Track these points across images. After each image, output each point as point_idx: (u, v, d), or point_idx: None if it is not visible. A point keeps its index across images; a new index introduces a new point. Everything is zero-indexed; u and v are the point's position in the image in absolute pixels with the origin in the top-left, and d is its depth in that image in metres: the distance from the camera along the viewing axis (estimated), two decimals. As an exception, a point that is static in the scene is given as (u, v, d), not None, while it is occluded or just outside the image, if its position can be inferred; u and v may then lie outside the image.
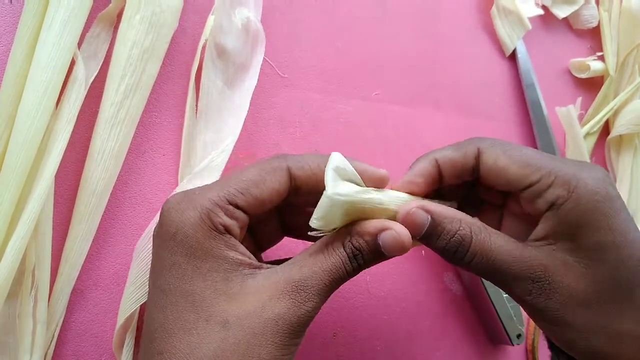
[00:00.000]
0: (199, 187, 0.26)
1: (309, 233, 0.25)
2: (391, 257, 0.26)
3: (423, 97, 0.46)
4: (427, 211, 0.26)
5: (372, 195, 0.26)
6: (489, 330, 0.45)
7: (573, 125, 0.53)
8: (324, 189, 0.24)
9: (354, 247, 0.25)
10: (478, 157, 0.29)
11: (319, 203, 0.24)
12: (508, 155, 0.28)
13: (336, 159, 0.25)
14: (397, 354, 0.40)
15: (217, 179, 0.33)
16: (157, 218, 0.31)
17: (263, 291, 0.23)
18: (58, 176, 0.30)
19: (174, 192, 0.26)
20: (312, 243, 0.27)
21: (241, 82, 0.36)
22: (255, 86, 0.35)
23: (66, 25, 0.28)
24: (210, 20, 0.35)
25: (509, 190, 0.28)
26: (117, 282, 0.32)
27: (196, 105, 0.35)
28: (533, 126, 0.52)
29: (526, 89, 0.52)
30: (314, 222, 0.25)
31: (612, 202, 0.26)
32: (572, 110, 0.53)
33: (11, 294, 0.27)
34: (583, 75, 0.57)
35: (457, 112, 0.48)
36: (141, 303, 0.30)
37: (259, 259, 0.30)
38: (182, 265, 0.24)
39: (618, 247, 0.25)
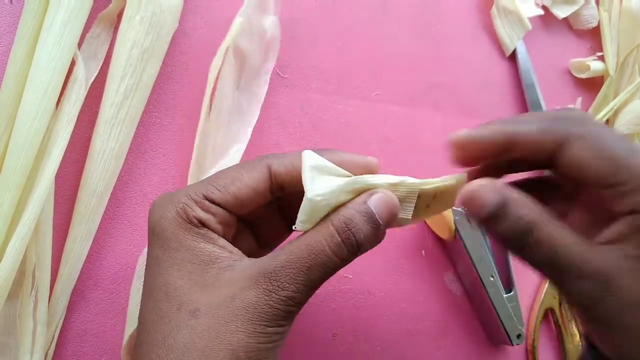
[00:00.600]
0: (183, 187, 0.27)
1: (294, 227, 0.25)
2: (385, 228, 0.25)
3: (423, 98, 0.46)
4: (497, 190, 0.25)
5: (365, 180, 0.25)
6: (489, 331, 0.45)
7: (573, 126, 0.53)
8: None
9: (344, 218, 0.24)
10: (561, 146, 0.26)
11: (301, 205, 0.24)
12: (595, 147, 0.25)
13: (309, 158, 0.25)
14: (397, 355, 0.40)
15: None
16: None
17: (236, 282, 0.24)
18: (58, 177, 0.30)
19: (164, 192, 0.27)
20: None
21: (254, 88, 0.36)
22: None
23: (66, 26, 0.28)
24: (237, 22, 0.35)
25: (589, 184, 0.26)
26: (117, 283, 0.32)
27: (209, 107, 0.35)
28: (533, 126, 0.52)
29: (526, 89, 0.52)
30: (299, 225, 0.24)
31: None
32: (572, 111, 0.53)
33: (11, 295, 0.27)
34: (583, 76, 0.57)
35: (457, 113, 0.48)
36: None
37: (244, 232, 0.30)
38: (159, 257, 0.25)
39: None
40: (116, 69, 0.30)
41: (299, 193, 0.24)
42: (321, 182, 0.24)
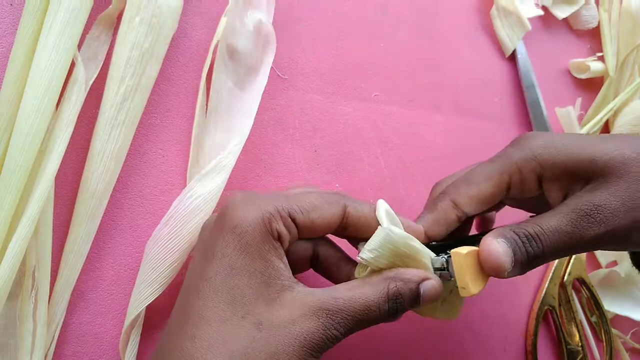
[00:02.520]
0: (264, 193, 0.28)
1: (357, 257, 0.28)
2: (420, 306, 0.28)
3: (423, 98, 0.46)
4: (503, 238, 0.28)
5: (415, 244, 0.28)
6: None
7: (573, 126, 0.53)
8: (372, 229, 0.27)
9: (398, 289, 0.27)
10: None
11: (373, 236, 0.27)
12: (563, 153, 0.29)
13: (384, 205, 0.29)
14: (396, 356, 0.40)
15: (226, 179, 0.33)
16: (166, 217, 0.32)
17: (298, 306, 0.25)
18: (58, 178, 0.30)
19: (236, 191, 0.29)
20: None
21: (251, 84, 0.36)
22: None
23: (66, 27, 0.28)
24: (223, 21, 0.36)
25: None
26: (117, 283, 0.32)
27: (206, 106, 0.35)
28: (533, 127, 0.52)
29: (526, 90, 0.52)
30: (365, 253, 0.27)
31: None
32: (571, 111, 0.53)
33: (12, 296, 0.27)
34: (583, 76, 0.57)
35: (456, 113, 0.48)
36: (151, 300, 0.30)
37: None
38: (233, 259, 0.25)
39: None
40: (116, 71, 0.31)
41: (360, 234, 0.29)
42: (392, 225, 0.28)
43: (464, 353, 0.44)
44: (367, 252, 0.27)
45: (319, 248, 0.31)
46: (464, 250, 0.28)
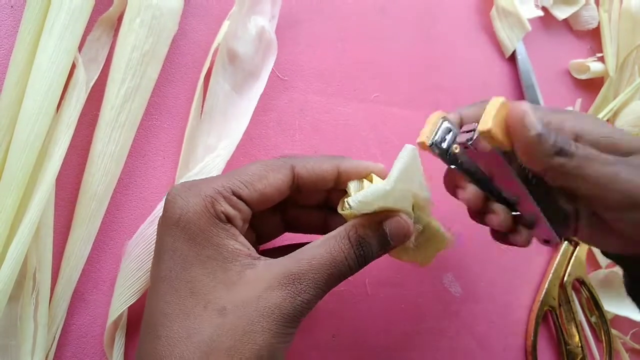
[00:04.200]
0: (204, 178, 0.27)
1: (338, 210, 0.27)
2: (393, 247, 0.27)
3: (423, 99, 0.46)
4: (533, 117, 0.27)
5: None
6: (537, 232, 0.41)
7: (573, 127, 0.53)
8: (328, 182, 0.27)
9: (359, 235, 0.26)
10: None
11: (370, 188, 0.26)
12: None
13: (412, 153, 0.28)
14: (396, 355, 0.41)
15: None
16: (150, 218, 0.32)
17: (261, 281, 0.24)
18: (59, 180, 0.30)
19: (183, 182, 0.27)
20: (313, 237, 0.28)
21: (249, 89, 0.36)
22: (256, 89, 0.36)
23: (67, 29, 0.29)
24: (225, 25, 0.36)
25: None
26: (117, 285, 0.32)
27: (202, 108, 0.35)
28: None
29: (526, 90, 0.52)
30: (355, 205, 0.26)
31: None
32: (571, 112, 0.53)
33: (12, 297, 0.28)
34: (583, 77, 0.57)
35: (456, 114, 0.48)
36: (130, 304, 0.30)
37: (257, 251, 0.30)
38: (184, 252, 0.25)
39: None
40: (116, 72, 0.31)
41: (315, 194, 0.28)
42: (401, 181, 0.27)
43: (464, 353, 0.44)
44: (356, 202, 0.26)
45: (287, 213, 0.31)
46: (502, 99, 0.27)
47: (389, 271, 0.41)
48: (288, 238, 0.33)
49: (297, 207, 0.31)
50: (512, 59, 0.53)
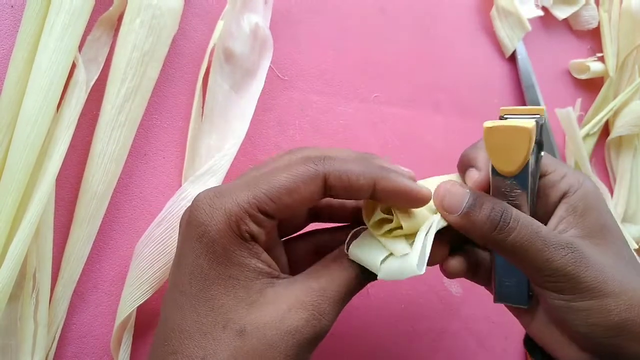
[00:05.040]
0: (229, 185, 0.25)
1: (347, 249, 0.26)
2: None
3: (423, 99, 0.46)
4: (463, 186, 0.28)
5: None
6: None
7: (572, 127, 0.53)
8: (364, 193, 0.25)
9: None
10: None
11: (398, 267, 0.26)
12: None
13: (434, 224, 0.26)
14: (396, 355, 0.41)
15: (221, 181, 0.33)
16: (159, 218, 0.32)
17: (282, 301, 0.24)
18: (59, 179, 0.30)
19: (211, 189, 0.26)
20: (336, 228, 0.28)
21: (247, 87, 0.36)
22: (256, 89, 0.36)
23: (67, 29, 0.29)
24: (220, 24, 0.36)
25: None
26: (117, 285, 0.32)
27: (202, 108, 0.35)
28: (533, 127, 0.52)
29: (526, 90, 0.52)
30: (353, 253, 0.26)
31: (603, 197, 0.30)
32: (571, 112, 0.53)
33: (12, 297, 0.27)
34: (583, 77, 0.57)
35: (456, 114, 0.48)
36: (139, 304, 0.30)
37: (280, 251, 0.30)
38: (205, 270, 0.24)
39: (617, 229, 0.29)
40: (117, 72, 0.31)
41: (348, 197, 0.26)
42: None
43: (464, 353, 0.44)
44: (354, 251, 0.26)
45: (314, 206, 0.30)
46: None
47: (389, 271, 0.41)
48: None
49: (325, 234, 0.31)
50: (512, 59, 0.53)
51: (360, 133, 0.42)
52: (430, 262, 0.26)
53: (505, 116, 0.29)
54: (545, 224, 0.28)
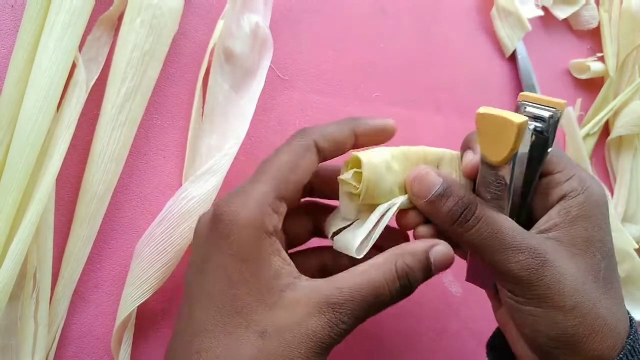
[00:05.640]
0: (247, 184, 0.27)
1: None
2: (434, 275, 0.27)
3: (423, 99, 0.46)
4: (439, 174, 0.28)
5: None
6: None
7: (573, 127, 0.53)
8: (343, 153, 0.29)
9: (407, 264, 0.26)
10: None
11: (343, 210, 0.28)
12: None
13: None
14: (396, 355, 0.41)
15: (221, 181, 0.33)
16: (159, 218, 0.32)
17: (301, 305, 0.24)
18: (59, 179, 0.30)
19: (229, 192, 0.27)
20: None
21: (247, 87, 0.36)
22: (256, 89, 0.36)
23: (67, 29, 0.29)
24: (220, 24, 0.36)
25: None
26: (118, 285, 0.32)
27: (202, 108, 0.35)
28: (533, 127, 0.52)
29: (526, 90, 0.52)
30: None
31: (607, 207, 0.29)
32: (571, 112, 0.53)
33: (13, 297, 0.27)
34: (583, 76, 0.57)
35: (457, 114, 0.48)
36: (140, 303, 0.30)
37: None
38: (229, 268, 0.25)
39: (605, 243, 0.28)
40: (117, 72, 0.31)
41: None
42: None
43: (464, 353, 0.44)
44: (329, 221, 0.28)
45: (315, 215, 0.31)
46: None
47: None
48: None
49: (328, 212, 0.31)
50: (512, 58, 0.53)
51: (360, 133, 0.42)
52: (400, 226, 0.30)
53: (523, 102, 0.29)
54: (536, 221, 0.29)
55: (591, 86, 0.58)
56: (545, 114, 0.28)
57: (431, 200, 0.28)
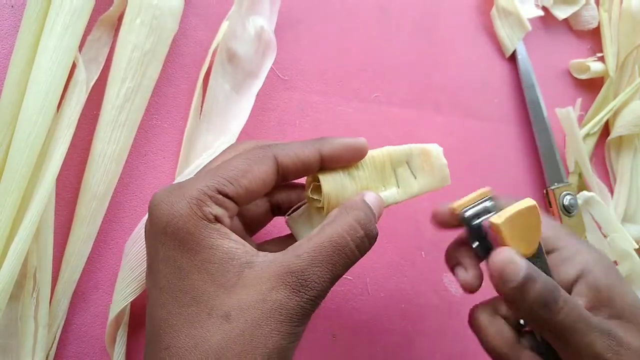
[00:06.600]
0: (186, 179, 0.26)
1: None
2: (378, 220, 0.28)
3: (423, 99, 0.46)
4: (520, 261, 0.27)
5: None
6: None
7: (573, 127, 0.53)
8: (314, 168, 0.27)
9: (361, 212, 0.26)
10: None
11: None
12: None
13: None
14: (396, 356, 0.41)
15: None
16: (147, 216, 0.32)
17: (262, 282, 0.23)
18: (59, 179, 0.30)
19: (162, 187, 0.26)
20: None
21: (248, 88, 0.36)
22: (256, 88, 0.36)
23: (67, 29, 0.29)
24: (224, 25, 0.36)
25: None
26: (118, 285, 0.32)
27: (201, 107, 0.35)
28: (533, 127, 0.52)
29: (526, 90, 0.52)
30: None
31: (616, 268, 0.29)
32: (571, 112, 0.53)
33: (13, 297, 0.27)
34: (583, 76, 0.57)
35: (457, 114, 0.48)
36: (131, 300, 0.30)
37: (250, 243, 0.30)
38: (177, 259, 0.24)
39: (638, 301, 0.29)
40: (117, 72, 0.31)
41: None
42: None
43: (464, 353, 0.44)
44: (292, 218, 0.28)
45: (274, 197, 0.31)
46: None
47: (389, 271, 0.41)
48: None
49: (283, 190, 0.31)
50: (512, 58, 0.53)
51: (360, 133, 0.42)
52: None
53: (462, 212, 0.30)
54: None
55: (591, 86, 0.57)
56: (487, 203, 0.29)
57: (520, 284, 0.27)
